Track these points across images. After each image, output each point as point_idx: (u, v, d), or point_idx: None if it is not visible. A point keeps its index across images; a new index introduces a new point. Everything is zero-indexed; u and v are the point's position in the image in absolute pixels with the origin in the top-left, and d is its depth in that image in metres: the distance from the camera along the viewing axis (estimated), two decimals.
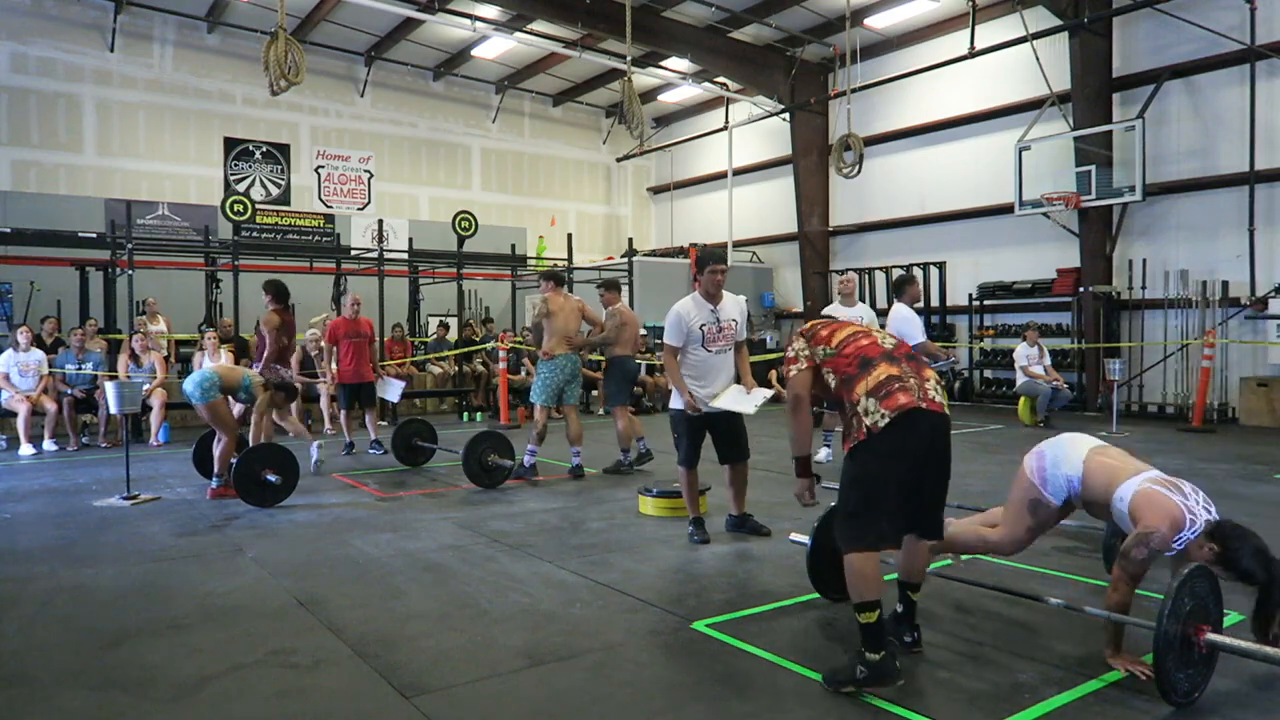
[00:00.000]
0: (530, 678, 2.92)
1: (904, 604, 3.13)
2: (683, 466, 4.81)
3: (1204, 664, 2.67)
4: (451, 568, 4.27)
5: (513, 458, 6.61)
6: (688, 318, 4.64)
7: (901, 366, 2.86)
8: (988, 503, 4.80)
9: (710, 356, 4.67)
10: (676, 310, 4.69)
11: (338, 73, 16.21)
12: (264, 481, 5.75)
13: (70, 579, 4.09)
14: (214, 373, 6.07)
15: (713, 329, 4.64)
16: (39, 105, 13.53)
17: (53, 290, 11.76)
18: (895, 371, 2.83)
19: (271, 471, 5.76)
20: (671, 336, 4.68)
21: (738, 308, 4.83)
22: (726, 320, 4.69)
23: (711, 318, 4.65)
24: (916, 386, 2.80)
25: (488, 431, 6.77)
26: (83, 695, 2.79)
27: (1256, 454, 7.97)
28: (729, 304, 4.75)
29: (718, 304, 4.69)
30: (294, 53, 7.47)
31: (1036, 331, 11.25)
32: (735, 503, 4.93)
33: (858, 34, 13.97)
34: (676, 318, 4.66)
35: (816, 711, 2.64)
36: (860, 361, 2.89)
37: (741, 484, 4.90)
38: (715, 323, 4.65)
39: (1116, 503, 2.99)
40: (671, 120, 19.73)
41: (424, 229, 15.09)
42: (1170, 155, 11.41)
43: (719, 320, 4.66)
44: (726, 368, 4.74)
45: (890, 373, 2.82)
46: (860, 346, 2.94)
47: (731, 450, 4.82)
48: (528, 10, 13.35)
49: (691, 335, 4.64)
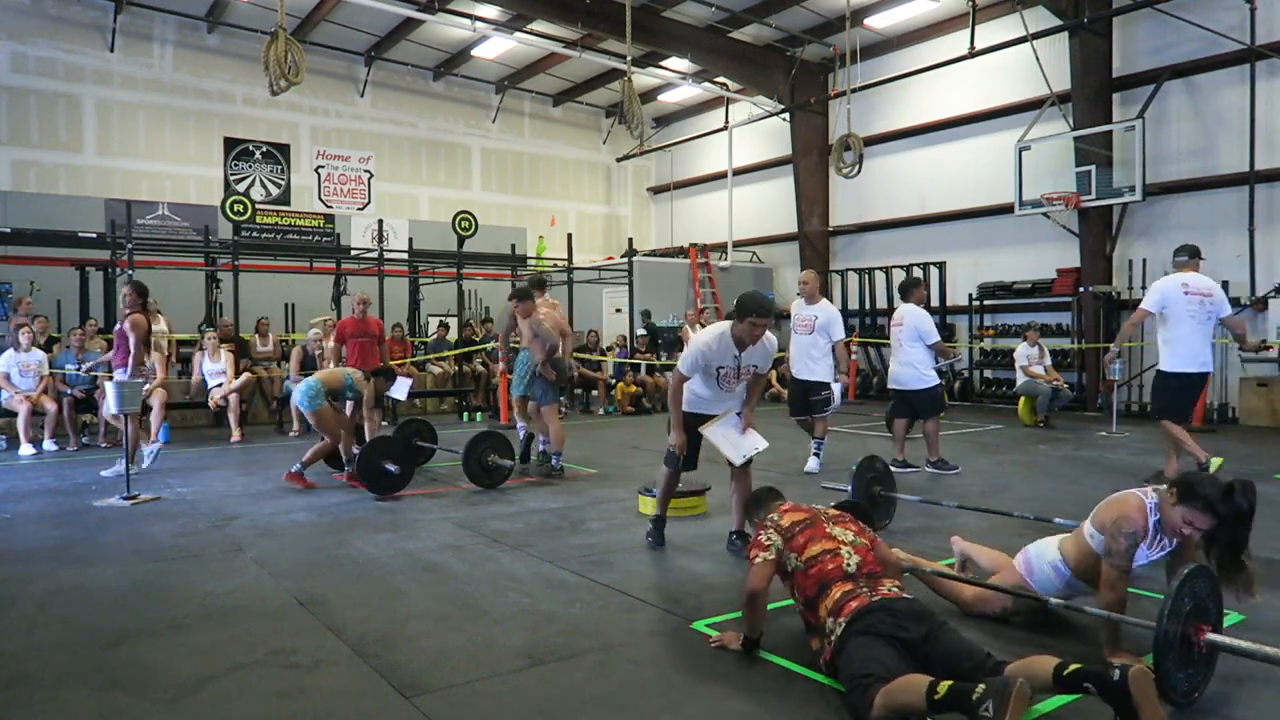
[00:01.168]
0: (530, 678, 2.92)
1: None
2: (668, 466, 4.65)
3: (1204, 664, 2.67)
4: (451, 568, 4.27)
5: (513, 458, 6.62)
6: (708, 357, 4.37)
7: (857, 584, 2.85)
8: (987, 503, 4.82)
9: (720, 392, 4.49)
10: (701, 345, 4.39)
11: (338, 73, 16.21)
12: (384, 471, 6.07)
13: (70, 579, 4.09)
14: (318, 380, 6.55)
15: (730, 373, 4.43)
16: (39, 105, 13.54)
17: (53, 290, 11.76)
18: (849, 587, 2.84)
19: (390, 461, 6.10)
20: (686, 366, 4.44)
21: (763, 352, 4.46)
22: (747, 365, 4.45)
23: (733, 363, 4.40)
24: (868, 592, 2.80)
25: (488, 431, 6.78)
26: (83, 695, 2.79)
27: (1256, 454, 7.98)
28: (756, 351, 4.43)
29: (743, 351, 4.39)
30: (294, 53, 7.47)
31: (1037, 331, 11.24)
32: (737, 516, 4.62)
33: (858, 34, 13.98)
34: (698, 353, 4.38)
35: (817, 711, 2.64)
36: (820, 585, 2.91)
37: (742, 492, 4.52)
38: (735, 368, 4.42)
39: (1089, 537, 3.13)
40: (671, 120, 19.74)
41: (424, 229, 15.09)
42: (1170, 155, 11.41)
43: (739, 365, 4.42)
44: (735, 399, 4.58)
45: (845, 589, 2.84)
46: (824, 570, 2.93)
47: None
48: (528, 10, 13.35)
49: (707, 373, 4.42)
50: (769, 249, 17.66)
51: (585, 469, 7.31)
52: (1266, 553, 4.42)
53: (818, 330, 6.94)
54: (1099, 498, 3.27)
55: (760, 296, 4.33)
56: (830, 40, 14.70)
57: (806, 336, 6.99)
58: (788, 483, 6.62)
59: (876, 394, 14.36)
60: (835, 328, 6.93)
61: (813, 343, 6.95)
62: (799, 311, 7.12)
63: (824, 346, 6.93)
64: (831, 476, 6.25)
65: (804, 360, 7.01)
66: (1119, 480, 6.09)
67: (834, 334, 6.92)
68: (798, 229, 16.12)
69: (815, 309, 7.03)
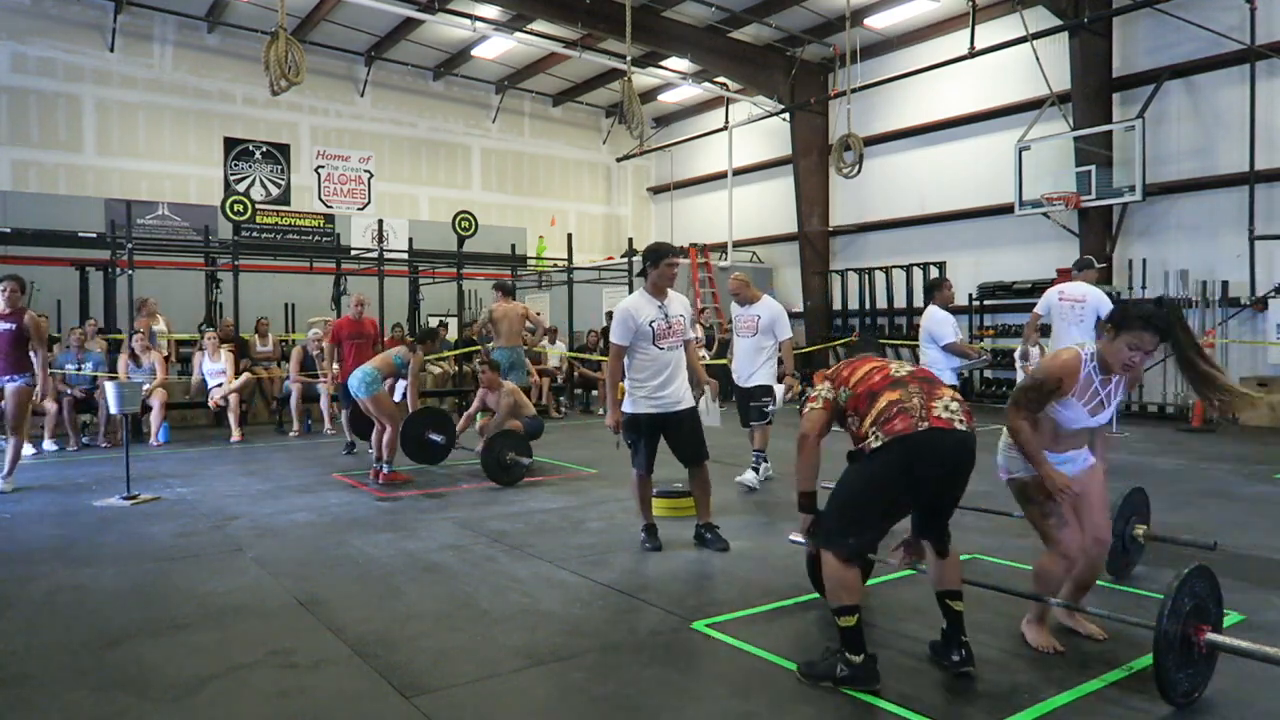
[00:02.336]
0: (530, 678, 2.92)
1: (947, 617, 2.91)
2: (636, 470, 4.66)
3: (1204, 664, 2.67)
4: (451, 568, 4.27)
5: (530, 455, 6.67)
6: (636, 315, 4.49)
7: (906, 389, 2.84)
8: (988, 502, 4.81)
9: (662, 354, 4.53)
10: (624, 306, 4.54)
11: (338, 73, 16.21)
12: (428, 441, 6.30)
13: (70, 579, 4.09)
14: (372, 367, 6.65)
15: (662, 325, 4.51)
16: (39, 105, 13.53)
17: (53, 290, 11.75)
18: (896, 396, 2.82)
19: (434, 431, 6.33)
20: (617, 334, 4.52)
21: (682, 304, 4.68)
22: (675, 316, 4.56)
23: (660, 314, 4.52)
24: (920, 407, 2.77)
25: (507, 430, 6.85)
26: (83, 695, 2.79)
27: (1256, 454, 7.98)
28: (675, 300, 4.62)
29: (664, 300, 4.56)
30: (294, 52, 7.47)
31: (1038, 332, 11.21)
32: (700, 510, 4.74)
33: (858, 34, 13.97)
34: (624, 314, 4.50)
35: (817, 711, 2.64)
36: (868, 396, 2.91)
37: (704, 489, 4.71)
38: (664, 319, 4.52)
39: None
40: (671, 120, 19.73)
41: (424, 229, 15.10)
42: (1170, 155, 11.41)
43: (668, 316, 4.53)
44: (679, 365, 4.61)
45: (891, 398, 2.82)
46: (871, 383, 2.94)
47: (689, 452, 4.64)
48: (528, 10, 13.35)
49: (640, 332, 4.49)
50: (769, 249, 17.66)
51: (585, 469, 7.31)
52: (1266, 553, 4.43)
53: (762, 331, 6.48)
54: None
55: (665, 242, 4.68)
56: (830, 40, 14.70)
57: (750, 339, 6.54)
58: (781, 481, 6.62)
59: None
60: (780, 326, 6.46)
61: (757, 345, 6.50)
62: (739, 314, 6.69)
63: (770, 349, 6.46)
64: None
65: (746, 365, 6.55)
66: (1118, 479, 6.09)
67: (780, 333, 6.45)
68: (798, 229, 16.11)
69: (757, 309, 6.56)
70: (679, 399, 4.60)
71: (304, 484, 6.71)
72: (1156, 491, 4.68)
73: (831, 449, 3.08)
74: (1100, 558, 3.18)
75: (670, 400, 4.57)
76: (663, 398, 4.55)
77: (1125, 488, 4.01)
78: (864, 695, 2.72)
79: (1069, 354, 3.02)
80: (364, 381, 6.53)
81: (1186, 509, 5.46)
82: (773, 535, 4.84)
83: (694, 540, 4.71)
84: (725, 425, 6.04)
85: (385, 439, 6.60)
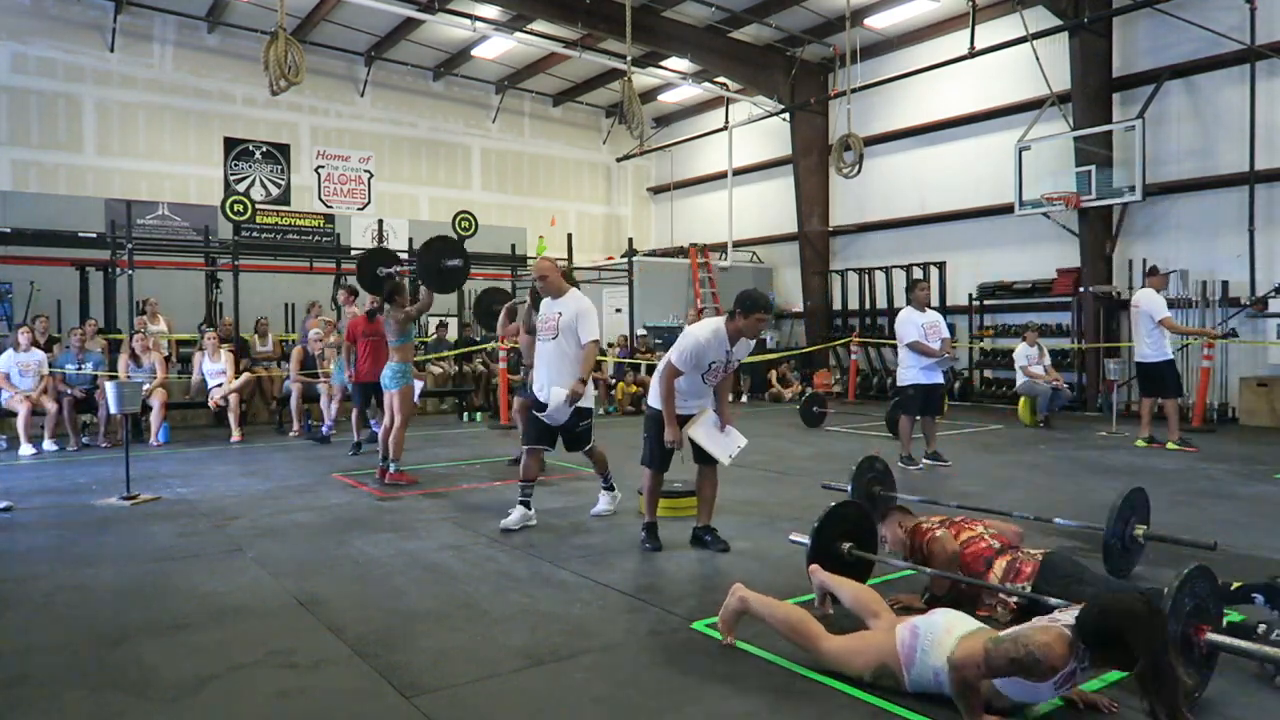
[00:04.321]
0: (530, 678, 2.92)
1: None
2: (646, 467, 4.67)
3: (1204, 664, 2.67)
4: (451, 568, 4.27)
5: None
6: (704, 352, 4.42)
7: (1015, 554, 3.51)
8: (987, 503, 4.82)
9: (703, 385, 4.57)
10: (697, 340, 4.40)
11: (338, 73, 16.21)
12: (445, 269, 6.85)
13: (70, 579, 4.09)
14: (400, 361, 6.76)
15: (720, 368, 4.52)
16: (39, 105, 13.53)
17: (53, 290, 11.75)
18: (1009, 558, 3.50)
19: (451, 258, 6.89)
20: (681, 362, 4.44)
21: (746, 348, 4.59)
22: (734, 359, 4.56)
23: (724, 357, 4.49)
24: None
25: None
26: (83, 695, 2.79)
27: (1256, 454, 7.97)
28: (742, 346, 4.55)
29: (734, 346, 4.50)
30: (294, 53, 7.48)
31: (1035, 332, 11.25)
32: (701, 511, 4.75)
33: (858, 34, 13.98)
34: (696, 348, 4.40)
35: (817, 711, 2.64)
36: (984, 561, 3.51)
37: (711, 490, 4.72)
38: (725, 363, 4.52)
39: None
40: (671, 120, 19.74)
41: (424, 229, 15.04)
42: (1170, 155, 11.41)
43: (729, 360, 4.53)
44: (708, 393, 4.65)
45: (1006, 560, 3.49)
46: (979, 550, 3.55)
47: (704, 453, 4.62)
48: (528, 10, 13.35)
49: (699, 368, 4.47)
50: (769, 249, 17.66)
51: (585, 469, 7.30)
52: (1266, 553, 4.43)
53: (563, 331, 5.15)
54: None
55: (761, 294, 4.44)
56: (830, 40, 14.70)
57: (550, 342, 5.21)
58: (781, 480, 6.63)
59: (876, 394, 14.37)
60: (585, 325, 5.14)
61: (559, 350, 5.17)
62: (543, 311, 5.37)
63: (574, 355, 5.15)
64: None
65: (547, 374, 5.22)
66: (1118, 480, 6.10)
67: (584, 333, 5.13)
68: (798, 229, 16.12)
69: (561, 304, 5.24)
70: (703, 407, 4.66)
71: (304, 484, 6.71)
72: (1156, 491, 4.68)
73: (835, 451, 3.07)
74: None
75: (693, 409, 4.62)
76: (687, 406, 4.60)
77: (1125, 488, 4.01)
78: (864, 695, 2.72)
79: (1064, 646, 2.41)
80: (395, 375, 6.68)
81: (1186, 509, 5.46)
82: (773, 535, 4.84)
83: (691, 542, 4.71)
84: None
85: (393, 437, 6.63)
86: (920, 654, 2.65)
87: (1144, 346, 8.17)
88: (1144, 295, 8.21)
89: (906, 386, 7.32)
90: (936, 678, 2.60)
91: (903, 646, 2.70)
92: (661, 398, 4.50)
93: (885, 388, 14.19)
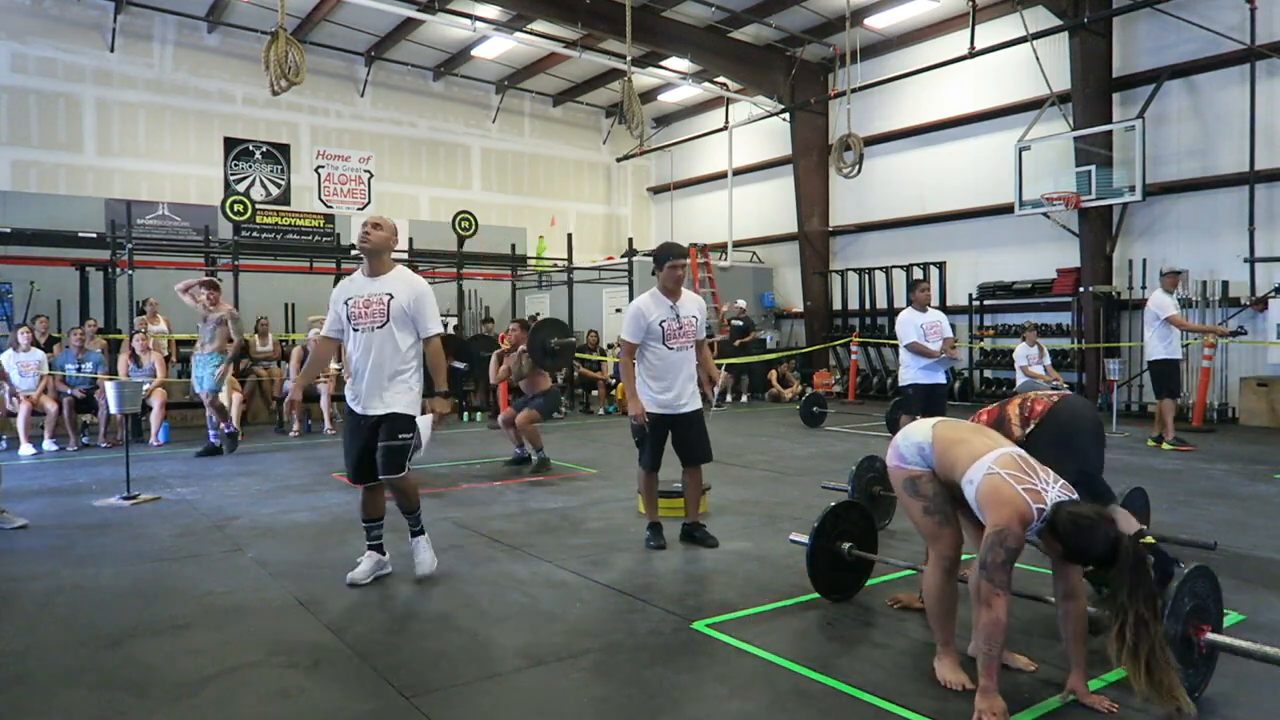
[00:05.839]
0: (530, 678, 2.92)
1: None
2: (643, 469, 4.73)
3: (1204, 664, 2.67)
4: (451, 568, 4.27)
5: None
6: (646, 314, 4.57)
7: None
8: None
9: (671, 354, 4.58)
10: (635, 305, 4.63)
11: (338, 73, 16.20)
12: (452, 369, 6.79)
13: (70, 579, 4.09)
14: None
15: (673, 325, 4.57)
16: (39, 105, 13.53)
17: (53, 290, 11.75)
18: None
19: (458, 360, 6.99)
20: (629, 332, 4.59)
21: (697, 305, 4.72)
22: (686, 317, 4.62)
23: (671, 314, 4.58)
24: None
25: None
26: (83, 695, 2.79)
27: (1256, 454, 7.98)
28: (688, 301, 4.67)
29: (677, 300, 4.62)
30: (294, 52, 7.47)
31: (1035, 332, 11.24)
32: (688, 508, 4.85)
33: (858, 34, 13.97)
34: (635, 312, 4.59)
35: (817, 711, 2.64)
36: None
37: (696, 487, 4.82)
38: (675, 319, 4.58)
39: (965, 486, 2.75)
40: (671, 120, 19.73)
41: (424, 229, 15.07)
42: (1170, 155, 11.41)
43: (679, 316, 4.59)
44: (688, 365, 4.66)
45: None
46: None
47: (693, 453, 4.70)
48: (528, 10, 13.35)
49: (651, 331, 4.55)
50: (769, 249, 17.66)
51: (585, 469, 7.31)
52: (1266, 553, 4.43)
53: (395, 320, 3.93)
54: None
55: (671, 244, 4.70)
56: (830, 40, 14.70)
57: (375, 333, 3.92)
58: (781, 480, 6.62)
59: (876, 394, 14.37)
60: (424, 315, 4.01)
61: (389, 345, 3.94)
62: (360, 289, 4.03)
63: (409, 352, 4.00)
64: (812, 478, 6.24)
65: (378, 380, 3.93)
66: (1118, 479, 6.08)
67: (423, 326, 4.02)
68: (798, 229, 16.11)
69: (386, 282, 3.99)
70: (684, 402, 4.64)
71: (304, 484, 6.71)
72: (1156, 491, 4.68)
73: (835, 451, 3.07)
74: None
75: (674, 402, 4.61)
76: (666, 400, 4.60)
77: (1125, 487, 4.01)
78: (864, 695, 2.72)
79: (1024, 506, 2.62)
80: None
81: (1186, 509, 5.46)
82: (773, 535, 4.84)
83: (680, 538, 4.76)
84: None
85: None
86: (902, 441, 3.01)
87: (1154, 344, 8.36)
88: (1153, 296, 8.48)
89: (907, 386, 7.33)
90: (922, 450, 2.92)
91: (891, 457, 3.06)
92: (625, 377, 4.68)
93: (885, 388, 14.20)
